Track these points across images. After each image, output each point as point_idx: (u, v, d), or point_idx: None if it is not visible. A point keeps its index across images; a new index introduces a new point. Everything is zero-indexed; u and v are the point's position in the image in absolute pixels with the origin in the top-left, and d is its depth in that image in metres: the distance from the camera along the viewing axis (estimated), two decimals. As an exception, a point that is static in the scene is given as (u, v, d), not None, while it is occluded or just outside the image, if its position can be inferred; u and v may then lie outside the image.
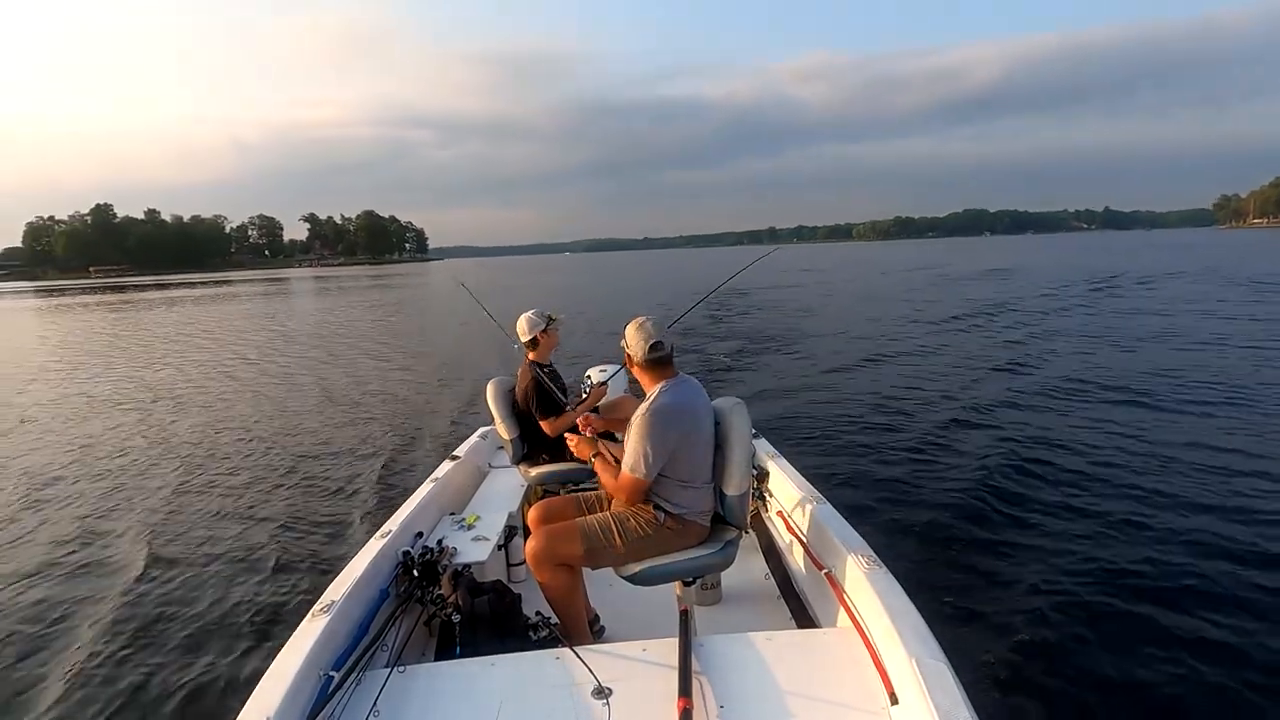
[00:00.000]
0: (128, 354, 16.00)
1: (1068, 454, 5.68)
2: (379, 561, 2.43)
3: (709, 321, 16.18)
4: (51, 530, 5.06)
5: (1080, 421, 6.72)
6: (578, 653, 1.94)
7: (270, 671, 1.79)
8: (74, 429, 8.45)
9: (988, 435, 6.35)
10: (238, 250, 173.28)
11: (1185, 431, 6.20)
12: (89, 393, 10.94)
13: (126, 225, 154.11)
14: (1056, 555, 3.92)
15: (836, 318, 17.49)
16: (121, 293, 53.46)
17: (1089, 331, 12.95)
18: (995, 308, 17.46)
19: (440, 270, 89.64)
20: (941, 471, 5.42)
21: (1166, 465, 5.30)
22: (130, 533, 4.90)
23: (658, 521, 2.29)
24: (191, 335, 19.70)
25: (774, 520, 3.18)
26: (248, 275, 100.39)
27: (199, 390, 10.80)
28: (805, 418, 7.37)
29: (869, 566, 2.18)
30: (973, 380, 8.96)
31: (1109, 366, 9.32)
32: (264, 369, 12.84)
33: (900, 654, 1.76)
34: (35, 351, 17.68)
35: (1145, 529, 4.20)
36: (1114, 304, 17.54)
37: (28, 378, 12.96)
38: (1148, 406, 7.20)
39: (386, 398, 9.60)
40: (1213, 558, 3.78)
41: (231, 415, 8.81)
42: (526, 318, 3.44)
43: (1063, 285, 23.41)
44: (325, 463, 6.41)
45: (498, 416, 3.41)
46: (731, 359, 11.58)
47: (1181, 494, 4.72)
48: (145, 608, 3.77)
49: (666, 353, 2.35)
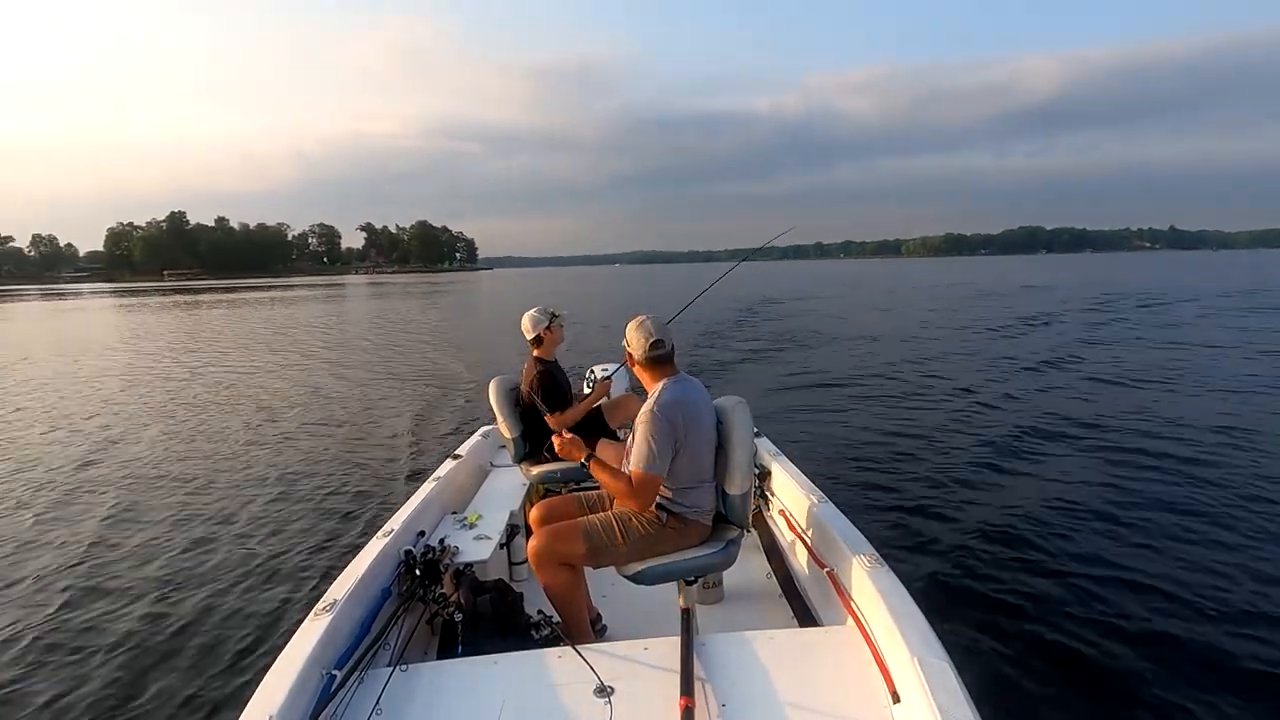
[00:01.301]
0: (176, 351, 16.50)
1: (1070, 454, 5.70)
2: (381, 560, 2.44)
3: (734, 326, 17.79)
4: (52, 523, 5.10)
5: (1084, 422, 6.74)
6: (579, 652, 1.94)
7: (273, 670, 1.80)
8: (93, 422, 8.57)
9: (990, 435, 6.36)
10: (298, 257, 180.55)
11: (1202, 438, 6.16)
12: (97, 388, 11.20)
13: (198, 232, 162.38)
14: (1059, 555, 3.92)
15: (849, 326, 18.04)
16: (193, 294, 55.91)
17: (1101, 340, 13.39)
18: (1012, 319, 17.87)
19: (490, 280, 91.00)
20: (943, 471, 5.42)
21: (1172, 466, 5.31)
22: (133, 528, 4.92)
23: (660, 521, 2.29)
24: (250, 336, 20.43)
25: (776, 519, 3.17)
26: (308, 281, 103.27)
27: (222, 388, 10.94)
28: (807, 417, 7.53)
29: (871, 565, 2.17)
30: (977, 382, 9.12)
31: (1117, 373, 9.49)
32: (289, 367, 13.10)
33: (902, 653, 1.75)
34: (85, 347, 18.29)
35: (1148, 530, 4.20)
36: (1137, 319, 17.60)
37: (76, 371, 13.39)
38: (1155, 407, 7.29)
39: (396, 397, 9.67)
40: (1218, 559, 3.77)
41: (245, 412, 8.90)
42: (530, 315, 3.45)
43: (1087, 300, 23.48)
44: (326, 463, 6.42)
45: (500, 415, 3.41)
46: (745, 353, 12.31)
47: (1186, 495, 4.73)
48: (147, 606, 3.76)
49: (667, 350, 2.35)
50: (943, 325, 16.90)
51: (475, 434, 4.20)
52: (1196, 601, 3.36)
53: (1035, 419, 6.95)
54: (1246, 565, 3.71)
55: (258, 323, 25.63)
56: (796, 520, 2.88)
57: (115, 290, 76.46)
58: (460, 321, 24.87)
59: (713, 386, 2.49)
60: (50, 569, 4.30)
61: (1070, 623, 3.22)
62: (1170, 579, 3.59)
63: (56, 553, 4.56)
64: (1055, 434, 6.33)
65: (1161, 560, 3.81)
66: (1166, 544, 4.00)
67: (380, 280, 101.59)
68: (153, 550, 4.51)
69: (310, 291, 57.45)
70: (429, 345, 16.78)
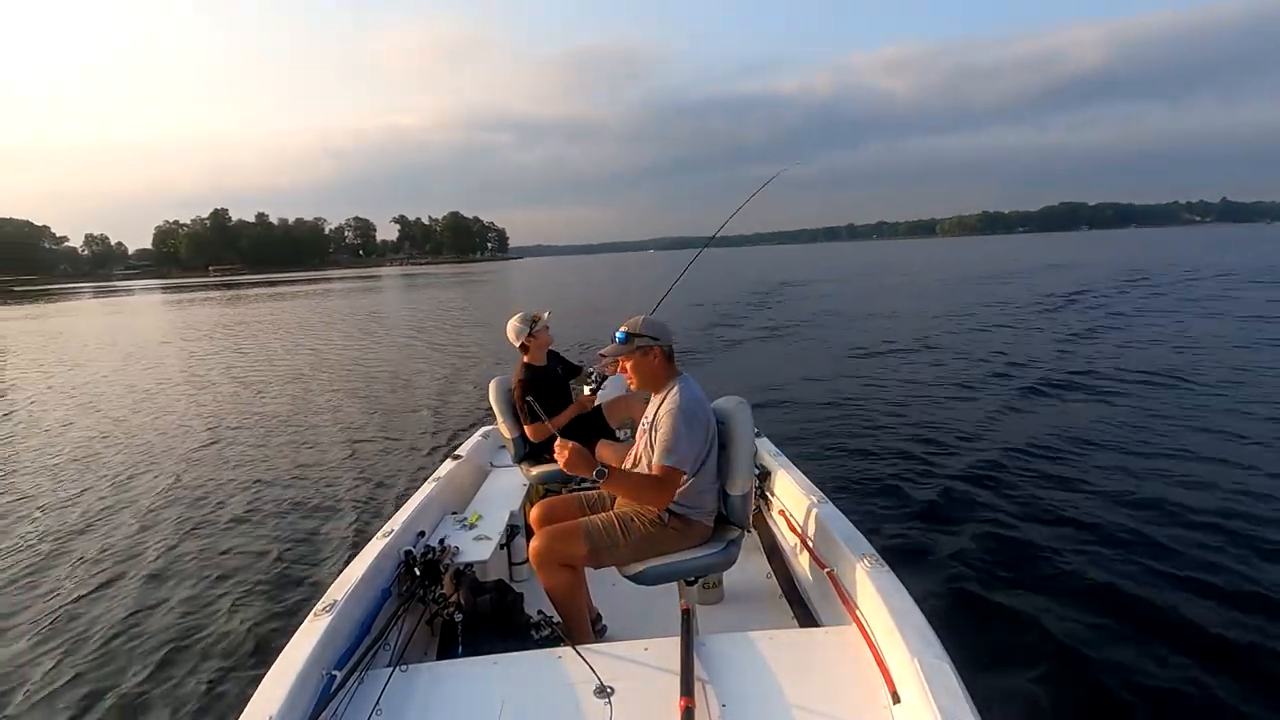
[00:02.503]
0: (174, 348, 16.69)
1: (1073, 455, 5.60)
2: (381, 561, 2.44)
3: (752, 308, 19.11)
4: (54, 516, 5.13)
5: (1089, 423, 6.55)
6: (580, 652, 1.94)
7: (273, 671, 1.81)
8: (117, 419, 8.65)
9: (992, 436, 6.25)
10: (335, 250, 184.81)
11: (1206, 433, 6.01)
12: (98, 386, 11.28)
13: (239, 228, 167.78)
14: (1061, 555, 3.87)
15: (854, 315, 17.62)
16: (237, 289, 57.40)
17: (1113, 326, 12.78)
18: (1026, 305, 17.07)
19: (521, 269, 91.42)
20: (945, 471, 5.35)
21: (1178, 467, 5.18)
22: (133, 526, 4.92)
23: (661, 521, 2.28)
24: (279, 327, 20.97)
25: (776, 520, 3.16)
26: (344, 273, 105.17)
27: (234, 381, 10.98)
28: (808, 417, 7.35)
29: (871, 566, 2.16)
30: (979, 379, 8.88)
31: (1132, 365, 9.09)
32: (305, 362, 13.04)
33: (902, 653, 1.75)
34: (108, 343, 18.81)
35: (1152, 530, 4.12)
36: (1153, 301, 16.74)
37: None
38: (1163, 407, 7.03)
39: (405, 393, 9.62)
40: (1224, 561, 3.70)
41: (251, 409, 8.90)
42: (513, 325, 3.47)
43: (1106, 282, 22.28)
44: (326, 463, 6.39)
45: (499, 415, 3.41)
46: (748, 347, 12.56)
47: (1192, 496, 4.60)
48: (147, 606, 3.76)
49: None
50: (950, 314, 16.07)
51: (475, 434, 4.19)
52: (1198, 603, 3.31)
53: (1037, 420, 6.81)
54: (1251, 572, 3.61)
55: (292, 314, 26.30)
56: (797, 521, 2.88)
57: (164, 287, 79.03)
58: (490, 311, 24.96)
59: (707, 386, 2.45)
60: (51, 569, 4.28)
61: (1071, 623, 3.21)
62: (1177, 580, 3.54)
63: (56, 552, 4.53)
64: (1056, 435, 6.12)
65: (1168, 562, 3.74)
66: (1173, 547, 3.91)
67: (414, 271, 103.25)
68: (153, 550, 4.49)
69: (347, 284, 58.50)
70: (457, 332, 16.94)
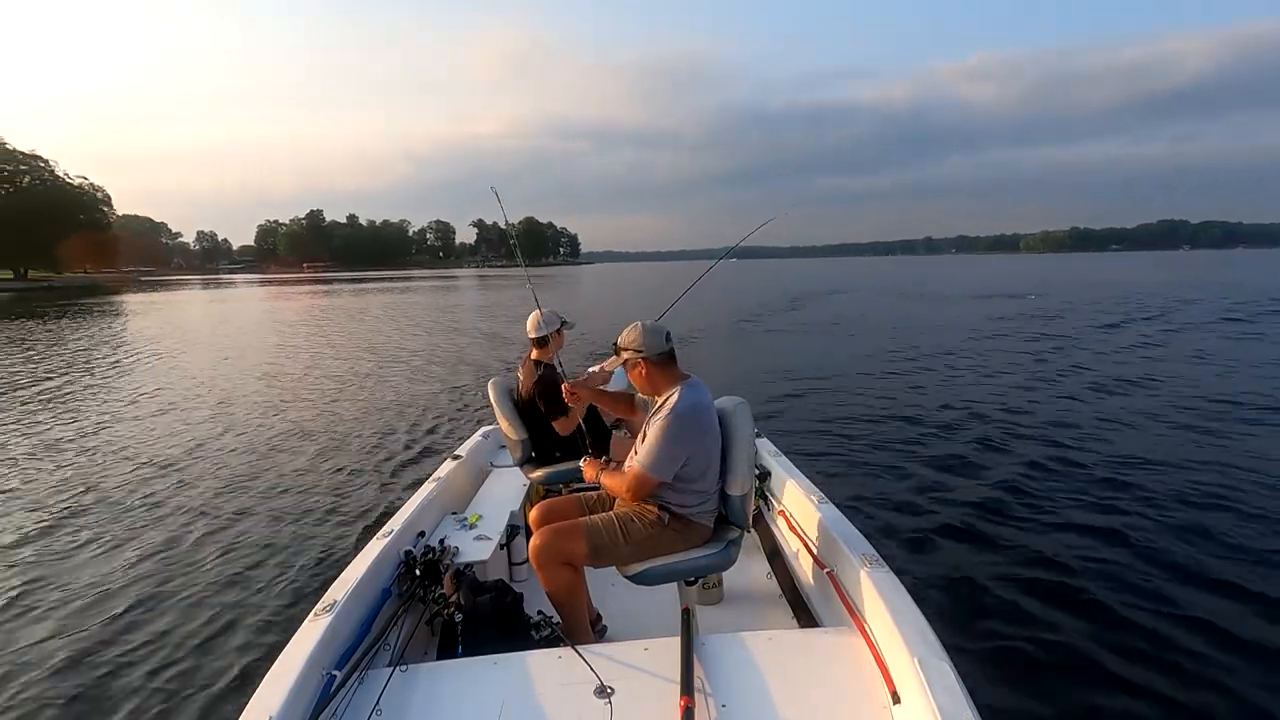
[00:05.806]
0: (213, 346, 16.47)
1: (1074, 455, 5.63)
2: (381, 561, 2.44)
3: (785, 310, 20.12)
4: (54, 513, 5.13)
5: (1090, 424, 6.62)
6: (580, 652, 1.94)
7: (273, 671, 1.81)
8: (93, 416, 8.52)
9: (992, 437, 6.28)
10: (417, 251, 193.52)
11: (1212, 441, 6.06)
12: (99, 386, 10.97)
13: (331, 228, 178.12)
14: (1062, 556, 3.86)
15: (870, 325, 17.90)
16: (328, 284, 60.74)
17: (1116, 341, 12.88)
18: (1032, 319, 17.40)
19: (592, 274, 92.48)
20: (945, 471, 5.36)
21: (1180, 468, 5.25)
22: (133, 525, 4.89)
23: (661, 522, 2.27)
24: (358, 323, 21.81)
25: (776, 520, 3.13)
26: (426, 273, 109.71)
27: (255, 382, 10.84)
28: (808, 417, 7.37)
29: (871, 566, 2.15)
30: (980, 383, 8.96)
31: (1127, 375, 9.19)
32: (339, 363, 12.88)
33: (902, 653, 1.75)
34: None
35: (1153, 531, 4.15)
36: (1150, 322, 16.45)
37: None
38: (1164, 409, 7.10)
39: (415, 394, 9.55)
40: (1226, 562, 3.73)
41: (258, 411, 8.74)
42: (541, 315, 3.37)
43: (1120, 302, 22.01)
44: (328, 462, 6.34)
45: (502, 417, 3.33)
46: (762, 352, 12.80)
47: (1195, 498, 4.66)
48: (145, 606, 3.71)
49: (672, 345, 2.34)
50: (968, 327, 16.12)
51: (475, 434, 4.19)
52: (1198, 603, 3.32)
53: (1038, 423, 6.82)
54: (1250, 577, 3.59)
55: (364, 310, 27.51)
56: (797, 521, 2.86)
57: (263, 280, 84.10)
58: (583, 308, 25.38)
59: (713, 385, 2.41)
60: (48, 567, 4.24)
61: (1071, 623, 3.19)
62: (1178, 580, 3.54)
63: (54, 549, 4.53)
64: (1058, 438, 6.19)
65: (1170, 563, 3.75)
66: (1175, 547, 3.93)
67: (489, 274, 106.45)
68: (153, 550, 4.48)
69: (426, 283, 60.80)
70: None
